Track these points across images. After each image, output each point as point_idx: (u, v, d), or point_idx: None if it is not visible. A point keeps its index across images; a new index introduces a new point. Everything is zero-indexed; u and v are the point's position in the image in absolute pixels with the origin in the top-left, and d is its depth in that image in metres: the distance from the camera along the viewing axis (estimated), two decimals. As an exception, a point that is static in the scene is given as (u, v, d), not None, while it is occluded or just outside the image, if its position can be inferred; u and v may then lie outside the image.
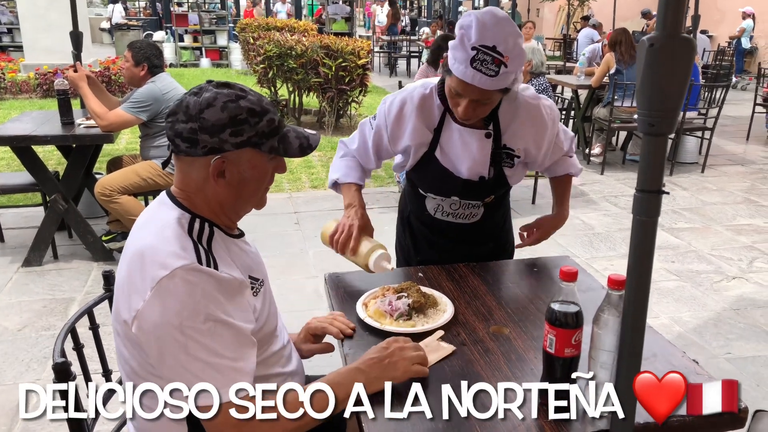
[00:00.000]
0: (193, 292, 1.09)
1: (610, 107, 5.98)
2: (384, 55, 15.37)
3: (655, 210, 1.01)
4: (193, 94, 1.20)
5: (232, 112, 1.16)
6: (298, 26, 11.27)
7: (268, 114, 1.20)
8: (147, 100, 3.61)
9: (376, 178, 5.88)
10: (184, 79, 11.35)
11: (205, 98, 1.17)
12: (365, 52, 7.39)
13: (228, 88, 1.20)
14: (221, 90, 1.19)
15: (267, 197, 1.31)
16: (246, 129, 1.17)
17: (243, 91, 1.21)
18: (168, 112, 1.23)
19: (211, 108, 1.16)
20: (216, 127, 1.16)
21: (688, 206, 5.18)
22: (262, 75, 7.49)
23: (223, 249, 1.21)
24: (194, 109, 1.17)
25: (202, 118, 1.16)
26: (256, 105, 1.19)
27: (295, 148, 1.25)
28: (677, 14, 0.94)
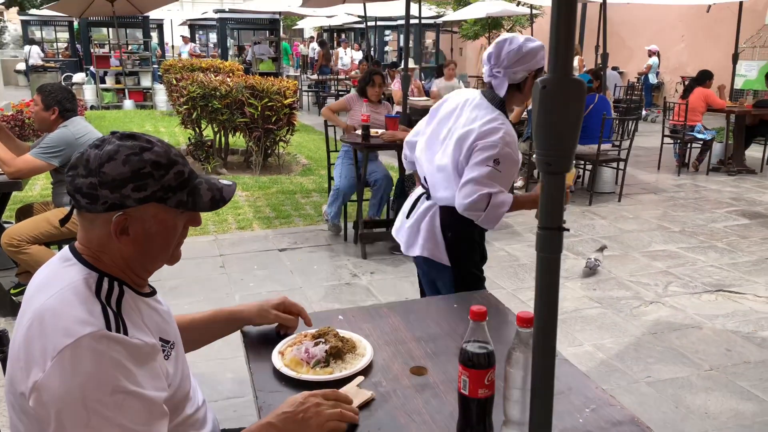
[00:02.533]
0: (101, 362, 1.01)
1: (529, 142, 6.20)
2: (312, 94, 15.48)
3: (557, 246, 1.03)
4: (95, 147, 1.14)
5: (134, 166, 1.11)
6: (224, 67, 11.20)
7: (175, 166, 1.15)
8: (59, 145, 3.46)
9: (305, 217, 5.83)
10: (105, 121, 11.02)
11: (106, 151, 1.11)
12: (291, 92, 7.40)
13: (132, 139, 1.14)
14: (124, 142, 1.13)
15: (181, 251, 1.25)
16: (150, 183, 1.12)
17: (149, 142, 1.15)
18: (69, 165, 1.16)
19: (112, 161, 1.10)
20: (117, 182, 1.10)
21: (607, 234, 5.39)
22: (186, 116, 7.37)
23: (134, 310, 1.14)
24: (94, 162, 1.11)
25: (102, 172, 1.10)
26: (162, 157, 1.14)
27: (206, 202, 1.19)
28: (567, 57, 0.97)
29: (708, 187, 7.21)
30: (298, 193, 6.67)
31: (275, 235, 5.33)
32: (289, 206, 6.18)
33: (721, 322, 3.69)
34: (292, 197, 6.51)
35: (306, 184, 7.07)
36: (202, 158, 7.65)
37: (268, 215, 5.89)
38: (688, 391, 2.96)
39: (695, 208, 6.25)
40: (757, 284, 4.27)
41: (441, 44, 20.15)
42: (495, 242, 5.13)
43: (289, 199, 6.45)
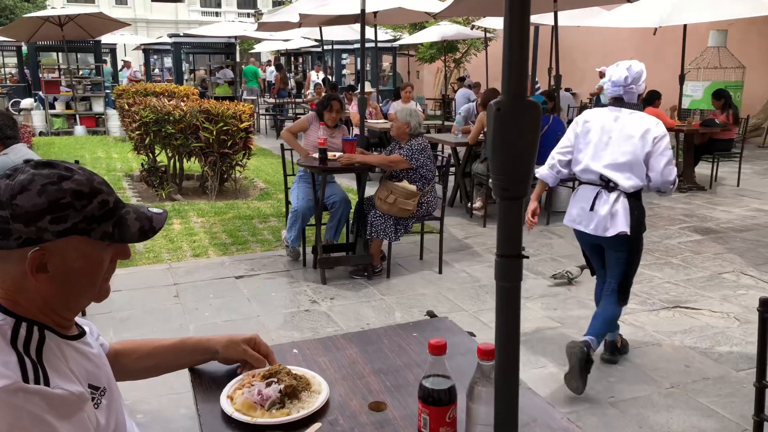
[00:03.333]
0: (18, 417, 0.91)
1: (487, 163, 6.24)
2: (270, 117, 15.38)
3: (516, 275, 0.98)
4: (5, 177, 1.04)
5: (52, 196, 1.01)
6: (178, 91, 11.03)
7: (99, 195, 1.06)
8: (-2, 174, 3.29)
9: (262, 242, 5.71)
10: (54, 147, 10.70)
11: (18, 181, 1.02)
12: (247, 116, 7.30)
13: (49, 167, 1.05)
14: (40, 171, 1.04)
15: (110, 287, 1.15)
16: (71, 214, 1.03)
17: (68, 170, 1.06)
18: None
19: (25, 192, 1.01)
20: (32, 215, 1.00)
21: (565, 254, 5.43)
22: (139, 142, 7.19)
23: (58, 356, 1.04)
24: (5, 194, 1.01)
25: (15, 204, 1.00)
26: (83, 186, 1.05)
27: (134, 233, 1.10)
28: (521, 77, 0.94)
29: (661, 203, 7.36)
30: (256, 218, 6.54)
31: (232, 262, 5.19)
32: (246, 232, 6.05)
33: (680, 339, 3.72)
34: (249, 222, 6.38)
35: (263, 209, 6.95)
36: (156, 184, 7.46)
37: (225, 241, 5.75)
38: (650, 410, 2.95)
39: (650, 225, 6.34)
40: (711, 299, 4.34)
41: (398, 67, 20.31)
42: (455, 264, 5.11)
43: (246, 224, 6.32)
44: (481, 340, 3.23)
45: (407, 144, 4.63)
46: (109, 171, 8.82)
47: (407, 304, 4.26)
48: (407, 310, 4.15)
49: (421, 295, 4.44)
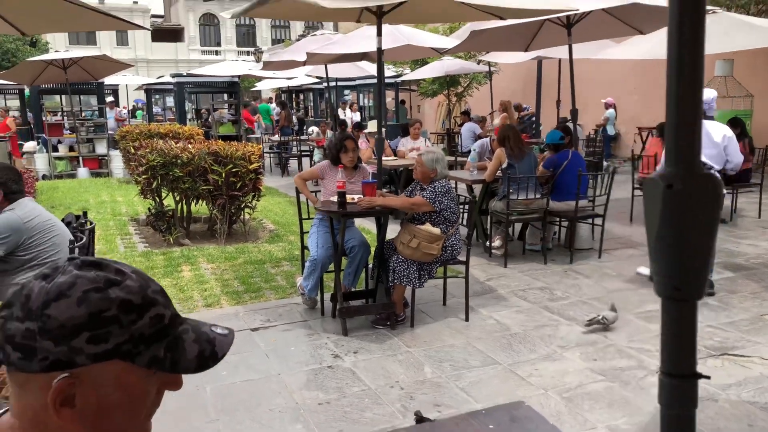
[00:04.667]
0: None
1: (506, 200, 6.04)
2: (274, 155, 15.25)
3: (691, 399, 0.76)
4: (42, 278, 0.81)
5: (94, 307, 0.79)
6: (183, 132, 10.90)
7: (152, 308, 0.83)
8: (4, 232, 3.09)
9: (276, 289, 5.47)
10: (58, 192, 10.51)
11: (57, 284, 0.79)
12: (256, 157, 7.13)
13: (97, 269, 0.82)
14: (85, 273, 0.81)
15: (151, 425, 0.90)
16: (114, 332, 0.79)
17: (119, 273, 0.83)
18: (3, 303, 0.82)
19: (63, 300, 0.78)
20: (66, 330, 0.77)
21: (595, 295, 5.18)
22: (146, 186, 6.99)
23: None
24: (37, 300, 0.78)
25: (46, 315, 0.77)
26: (135, 295, 0.82)
27: (191, 359, 0.85)
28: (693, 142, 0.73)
29: (684, 238, 7.13)
30: (268, 263, 6.31)
31: (246, 312, 4.94)
32: (258, 278, 5.81)
33: (735, 392, 3.45)
34: (261, 267, 6.14)
35: (275, 252, 6.72)
36: (164, 229, 7.24)
37: (237, 289, 5.50)
38: (719, 479, 2.68)
39: (677, 262, 6.13)
40: (759, 345, 4.09)
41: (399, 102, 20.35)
42: (481, 309, 4.86)
43: (258, 269, 6.08)
44: (521, 398, 2.99)
45: (430, 186, 4.43)
46: (114, 215, 8.61)
47: (436, 358, 4.00)
48: (438, 365, 3.89)
49: (450, 347, 4.18)
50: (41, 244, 3.22)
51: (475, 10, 4.98)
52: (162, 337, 0.83)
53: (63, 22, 5.68)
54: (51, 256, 3.27)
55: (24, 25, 5.13)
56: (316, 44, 9.50)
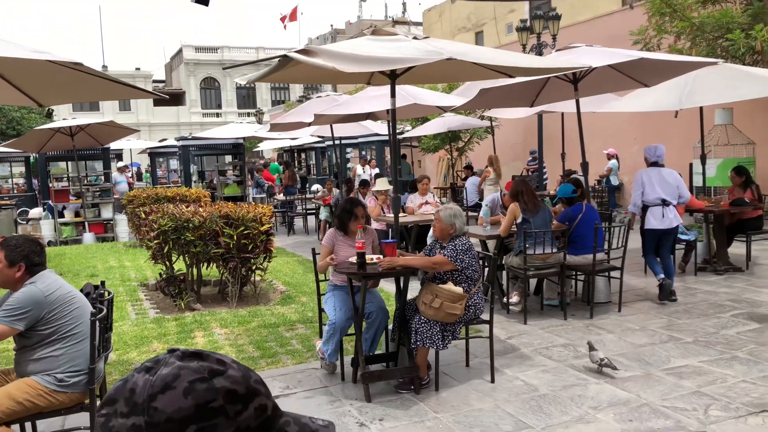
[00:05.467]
0: None
1: (523, 255, 5.98)
2: (280, 214, 15.28)
3: None
4: (145, 371, 0.79)
5: (200, 398, 0.76)
6: (190, 194, 10.94)
7: (256, 398, 0.82)
8: (25, 306, 3.02)
9: (293, 354, 5.34)
10: (66, 259, 10.45)
11: (161, 377, 0.77)
12: (267, 218, 7.11)
13: (199, 359, 0.80)
14: (188, 363, 0.79)
15: None
16: (220, 423, 0.77)
17: (221, 363, 0.81)
18: (104, 399, 0.79)
19: (169, 392, 0.76)
20: (173, 423, 0.74)
21: (620, 351, 5.06)
22: (157, 250, 6.95)
23: None
24: (143, 393, 0.76)
25: (153, 408, 0.74)
26: (239, 385, 0.80)
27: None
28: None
29: (701, 288, 7.05)
30: (282, 326, 6.19)
31: (264, 379, 4.79)
32: (273, 342, 5.69)
33: (783, 452, 3.31)
34: (275, 331, 6.03)
35: (288, 315, 6.61)
36: (174, 294, 7.15)
37: (253, 355, 5.38)
38: None
39: (699, 313, 6.02)
40: (799, 399, 3.95)
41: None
42: (506, 369, 4.73)
43: (273, 333, 5.96)
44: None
45: (450, 244, 4.38)
46: (123, 281, 8.53)
47: (466, 423, 3.86)
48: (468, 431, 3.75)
49: (479, 411, 4.04)
50: (62, 317, 3.15)
51: (486, 69, 5.06)
52: (267, 429, 0.78)
53: (78, 93, 5.76)
54: (72, 329, 3.19)
55: (41, 97, 5.20)
56: (323, 105, 9.65)
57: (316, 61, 3.83)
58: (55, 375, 3.11)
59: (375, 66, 4.34)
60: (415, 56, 4.19)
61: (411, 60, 4.22)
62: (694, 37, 10.69)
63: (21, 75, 4.80)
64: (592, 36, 12.28)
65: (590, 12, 17.91)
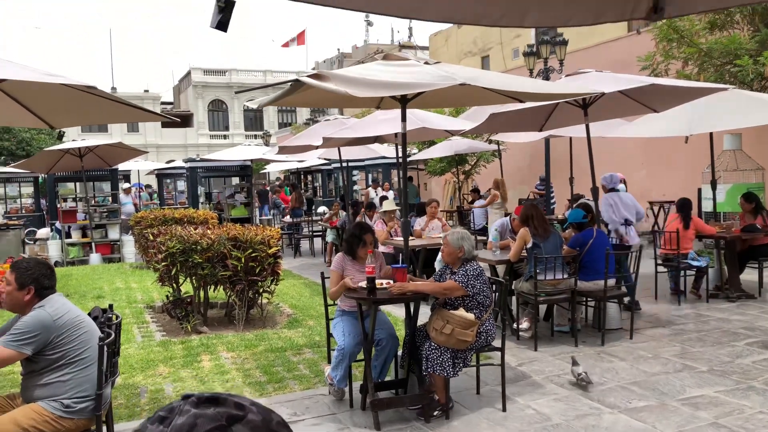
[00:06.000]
0: None
1: (533, 281, 5.92)
2: (286, 236, 15.26)
3: None
4: (159, 421, 0.74)
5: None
6: (198, 216, 10.94)
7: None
8: (33, 330, 2.98)
9: (300, 379, 5.27)
10: (72, 280, 10.43)
11: (176, 427, 0.73)
12: (275, 240, 7.09)
13: (215, 405, 0.76)
14: (204, 410, 0.74)
15: None
16: None
17: (239, 407, 0.76)
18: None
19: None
20: None
21: (633, 379, 4.97)
22: (165, 273, 6.91)
23: None
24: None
25: None
26: (260, 430, 0.75)
27: None
28: None
29: (713, 316, 6.95)
30: (289, 350, 6.12)
31: (271, 404, 4.70)
32: (280, 366, 5.62)
33: (806, 488, 3.22)
34: (282, 355, 5.96)
35: (295, 339, 6.54)
36: (181, 316, 7.10)
37: (260, 379, 5.31)
38: None
39: (713, 342, 5.93)
40: (819, 432, 3.86)
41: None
42: (517, 398, 4.64)
43: (280, 357, 5.90)
44: None
45: (461, 269, 4.33)
46: (130, 303, 8.49)
47: (478, 453, 3.78)
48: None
49: (491, 440, 3.96)
50: (70, 342, 3.11)
51: (497, 94, 5.06)
52: None
53: (89, 115, 5.78)
54: (80, 354, 3.14)
55: (53, 119, 5.21)
56: (331, 129, 9.69)
57: (328, 85, 3.83)
58: (62, 401, 3.07)
59: (388, 91, 4.34)
60: (428, 81, 4.19)
61: (424, 85, 4.23)
62: (702, 63, 10.71)
63: (34, 97, 4.82)
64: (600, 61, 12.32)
65: (597, 38, 18.00)
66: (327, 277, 5.09)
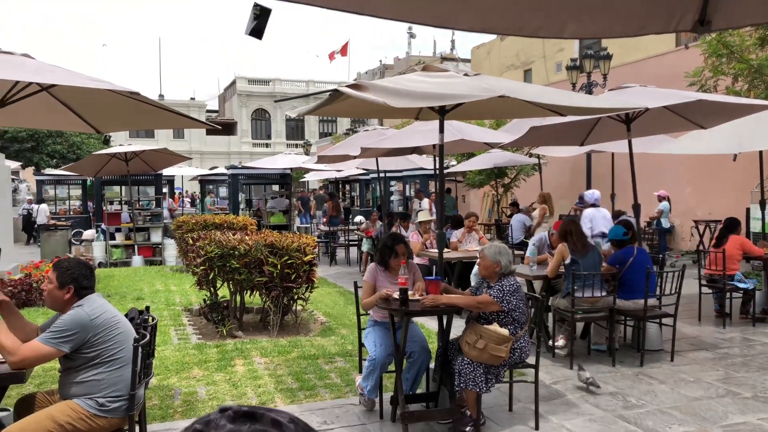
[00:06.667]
0: None
1: (570, 298, 5.80)
2: (323, 244, 15.35)
3: None
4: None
5: None
6: (237, 222, 11.10)
7: None
8: (72, 329, 3.05)
9: (331, 387, 5.27)
10: (114, 281, 10.70)
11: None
12: (311, 248, 7.13)
13: (252, 421, 0.75)
14: (240, 426, 0.74)
15: None
16: None
17: (276, 425, 0.75)
18: None
19: None
20: None
21: (673, 403, 4.81)
22: (203, 276, 7.03)
23: None
24: None
25: None
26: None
27: None
28: None
29: (761, 340, 6.69)
30: (321, 358, 6.13)
31: (301, 412, 4.74)
32: (312, 374, 5.63)
33: None
34: (314, 363, 5.97)
35: (328, 347, 6.55)
36: (217, 320, 7.20)
37: (291, 386, 5.33)
38: None
39: (758, 367, 5.71)
40: None
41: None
42: (551, 416, 4.55)
43: (312, 365, 5.91)
44: None
45: (497, 283, 4.27)
46: (168, 305, 8.65)
47: (508, 471, 3.70)
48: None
49: (522, 459, 3.87)
50: (106, 341, 3.17)
51: (536, 107, 5.00)
52: None
53: (134, 121, 5.94)
54: (115, 354, 3.20)
55: (100, 124, 5.37)
56: (370, 139, 9.73)
57: (366, 95, 3.85)
58: (97, 399, 3.13)
59: (426, 102, 4.33)
60: (466, 93, 4.16)
61: (462, 96, 4.20)
62: (752, 80, 10.40)
63: (82, 103, 4.98)
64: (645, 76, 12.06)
65: (642, 52, 17.66)
66: (360, 287, 5.09)
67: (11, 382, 3.15)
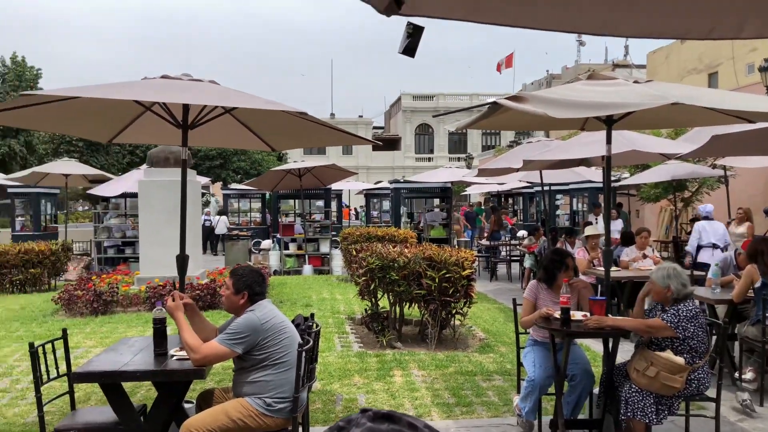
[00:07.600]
0: None
1: (761, 326, 5.15)
2: (483, 259, 15.19)
3: None
4: (337, 430, 0.81)
5: None
6: (398, 235, 11.38)
7: None
8: (244, 331, 3.31)
9: (488, 406, 5.17)
10: (286, 288, 11.47)
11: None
12: (470, 263, 7.08)
13: (390, 422, 0.80)
14: (379, 425, 0.79)
15: None
16: None
17: (413, 428, 0.80)
18: None
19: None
20: None
21: None
22: (364, 287, 7.29)
23: None
24: None
25: None
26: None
27: None
28: None
29: None
30: (478, 375, 6.05)
31: (457, 428, 4.71)
32: (469, 390, 5.57)
33: None
34: (471, 379, 5.90)
35: (486, 364, 6.45)
36: (377, 330, 7.41)
37: (448, 401, 5.31)
38: None
39: None
40: None
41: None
42: (735, 459, 4.05)
43: (469, 381, 5.85)
44: None
45: (672, 308, 3.92)
46: (333, 313, 9.09)
47: None
48: None
49: (699, 503, 3.49)
50: (273, 345, 3.40)
51: (718, 114, 4.53)
52: None
53: (303, 139, 6.34)
54: (281, 357, 3.42)
55: (274, 142, 5.81)
56: (533, 151, 9.46)
57: (525, 107, 3.75)
58: (265, 399, 3.35)
59: (588, 111, 4.12)
60: (636, 101, 3.89)
61: (630, 105, 3.94)
62: None
63: (260, 123, 5.43)
64: None
65: None
66: (519, 304, 4.94)
67: (193, 377, 3.48)
